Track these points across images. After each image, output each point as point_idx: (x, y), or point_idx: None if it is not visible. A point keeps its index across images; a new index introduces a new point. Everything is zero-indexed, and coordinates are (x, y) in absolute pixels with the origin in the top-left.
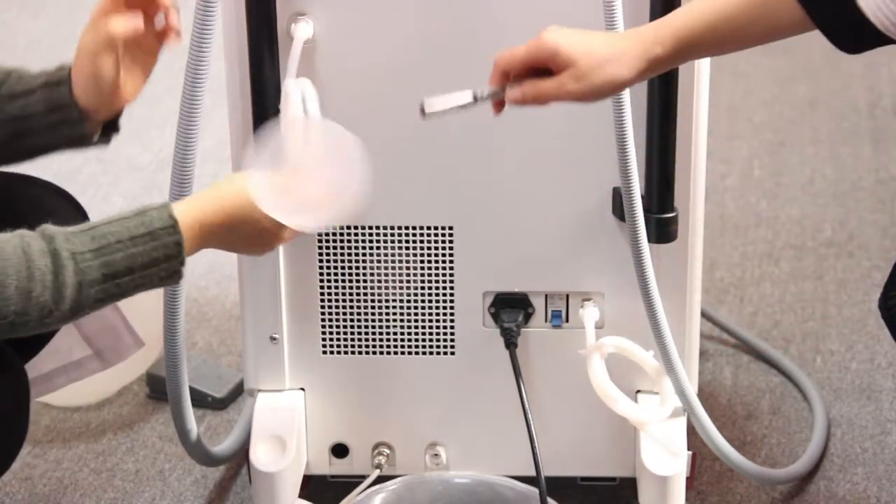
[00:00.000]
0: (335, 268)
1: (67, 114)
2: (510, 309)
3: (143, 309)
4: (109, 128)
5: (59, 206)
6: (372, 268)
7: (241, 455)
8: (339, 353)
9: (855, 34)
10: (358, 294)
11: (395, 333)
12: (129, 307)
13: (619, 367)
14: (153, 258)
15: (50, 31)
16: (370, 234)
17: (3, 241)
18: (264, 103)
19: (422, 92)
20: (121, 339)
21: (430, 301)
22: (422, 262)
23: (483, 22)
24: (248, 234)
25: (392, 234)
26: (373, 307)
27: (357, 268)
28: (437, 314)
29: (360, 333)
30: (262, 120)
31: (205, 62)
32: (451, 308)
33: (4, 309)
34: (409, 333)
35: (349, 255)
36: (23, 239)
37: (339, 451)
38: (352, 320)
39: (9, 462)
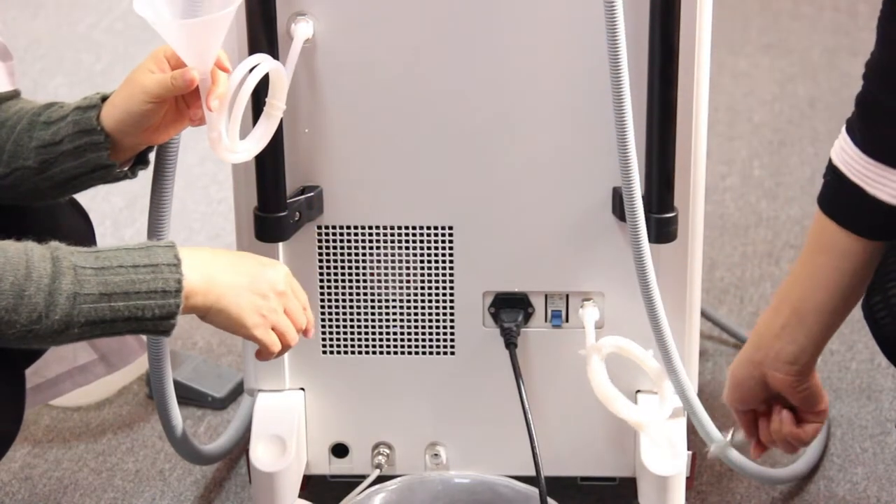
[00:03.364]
0: (335, 268)
1: (93, 138)
2: (510, 309)
3: None
4: (139, 161)
5: (71, 218)
6: (372, 268)
7: (233, 453)
8: (338, 353)
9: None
10: (358, 294)
11: (395, 333)
12: None
13: (619, 367)
14: (152, 289)
15: (50, 31)
16: (370, 234)
17: (8, 243)
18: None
19: (421, 91)
20: (126, 344)
21: (430, 301)
22: (422, 262)
23: (483, 21)
24: (247, 264)
25: (392, 234)
26: (373, 307)
27: (357, 268)
28: (437, 314)
29: (360, 333)
30: (258, 115)
31: None
32: (451, 308)
33: None
34: (409, 333)
35: (349, 255)
36: (27, 244)
37: (339, 450)
38: (352, 320)
39: (3, 451)
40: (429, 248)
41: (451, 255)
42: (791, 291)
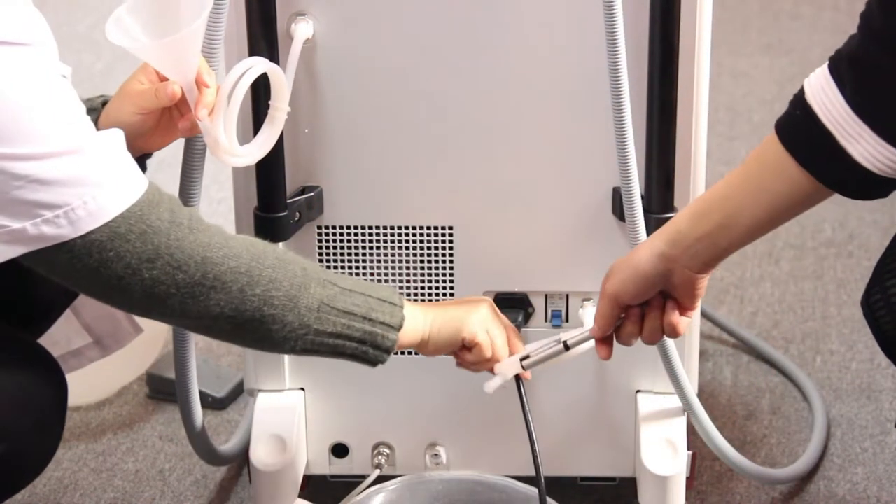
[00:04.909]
0: (335, 268)
1: None
2: (510, 309)
3: None
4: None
5: None
6: (372, 268)
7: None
8: None
9: (863, 185)
10: None
11: None
12: None
13: (620, 366)
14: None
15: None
16: (370, 234)
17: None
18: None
19: (421, 91)
20: (119, 326)
21: (430, 301)
22: (422, 262)
23: (483, 22)
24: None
25: (392, 234)
26: None
27: (357, 268)
28: None
29: None
30: (261, 118)
31: (213, 62)
32: None
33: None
34: None
35: (349, 255)
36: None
37: (339, 450)
38: None
39: (45, 463)
40: (429, 248)
41: (451, 255)
42: (729, 200)
